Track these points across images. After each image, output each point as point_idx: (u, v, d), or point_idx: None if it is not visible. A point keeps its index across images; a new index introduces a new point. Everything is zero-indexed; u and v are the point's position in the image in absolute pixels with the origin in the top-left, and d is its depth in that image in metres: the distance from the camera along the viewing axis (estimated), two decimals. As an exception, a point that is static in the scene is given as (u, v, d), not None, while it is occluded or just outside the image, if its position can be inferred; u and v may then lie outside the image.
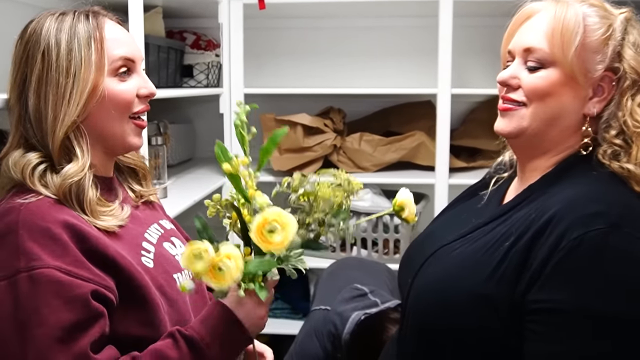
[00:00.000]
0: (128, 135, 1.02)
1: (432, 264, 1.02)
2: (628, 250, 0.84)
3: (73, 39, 0.95)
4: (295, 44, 2.68)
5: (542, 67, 0.97)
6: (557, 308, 0.84)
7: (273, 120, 2.38)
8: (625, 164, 0.92)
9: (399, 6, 2.29)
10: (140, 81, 1.03)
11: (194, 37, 2.47)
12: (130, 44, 1.03)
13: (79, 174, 0.94)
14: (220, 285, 0.83)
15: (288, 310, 2.56)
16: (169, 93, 2.00)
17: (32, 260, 0.84)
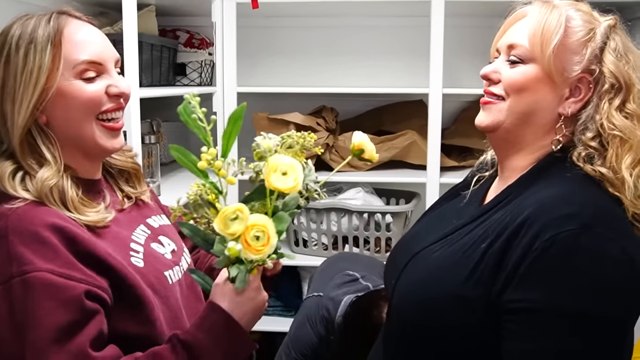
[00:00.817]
0: (99, 138, 1.01)
1: (414, 265, 1.05)
2: (599, 251, 0.85)
3: (30, 44, 0.95)
4: (289, 43, 2.69)
5: (521, 62, 1.00)
6: (530, 307, 0.86)
7: (266, 119, 2.39)
8: (599, 167, 0.94)
9: (392, 6, 2.31)
10: (111, 80, 1.02)
11: (187, 36, 2.47)
12: (98, 45, 1.01)
13: (55, 177, 0.94)
14: (258, 254, 0.83)
15: (281, 308, 2.57)
16: (162, 92, 2.01)
17: (24, 264, 0.85)
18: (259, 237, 0.85)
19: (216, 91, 2.32)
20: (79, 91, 0.97)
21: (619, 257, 0.86)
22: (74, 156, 1.01)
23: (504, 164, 1.07)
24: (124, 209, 1.11)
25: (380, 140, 2.42)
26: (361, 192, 2.36)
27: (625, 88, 0.97)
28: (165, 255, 1.09)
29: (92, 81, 0.99)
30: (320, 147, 1.07)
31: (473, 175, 1.21)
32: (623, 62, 0.98)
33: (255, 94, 2.46)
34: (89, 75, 0.99)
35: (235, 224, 0.83)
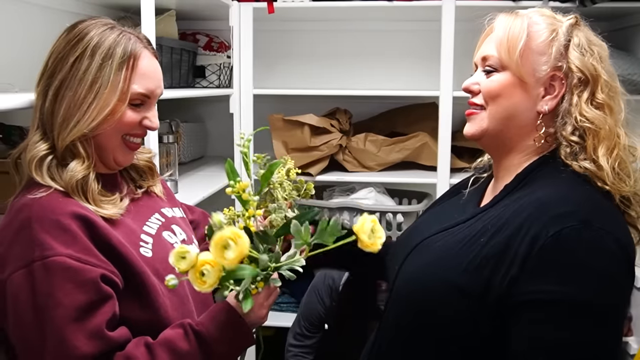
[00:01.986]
0: (117, 152, 1.08)
1: (415, 255, 1.10)
2: (598, 244, 0.92)
3: (108, 59, 1.01)
4: (304, 46, 2.76)
5: (495, 71, 1.07)
6: (540, 298, 0.91)
7: (281, 121, 2.45)
8: (583, 162, 1.00)
9: (404, 10, 2.35)
10: (149, 114, 1.09)
11: (206, 39, 2.54)
12: (155, 80, 1.08)
13: (84, 171, 1.01)
14: (201, 288, 0.88)
15: (294, 305, 2.62)
16: (180, 93, 2.08)
17: (45, 249, 0.92)
18: (205, 274, 0.88)
19: (233, 93, 2.39)
20: (124, 115, 1.04)
21: (615, 249, 0.93)
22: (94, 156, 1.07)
23: (499, 164, 1.12)
24: (138, 198, 1.18)
25: (392, 141, 2.47)
26: (373, 192, 2.41)
27: (592, 80, 1.02)
28: (174, 245, 1.15)
29: (136, 109, 1.06)
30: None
31: (472, 175, 1.26)
32: (587, 55, 1.03)
33: (271, 95, 2.53)
34: (136, 103, 1.06)
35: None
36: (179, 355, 0.98)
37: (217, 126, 2.81)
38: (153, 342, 0.99)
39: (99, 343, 0.91)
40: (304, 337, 2.00)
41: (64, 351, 0.89)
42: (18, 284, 0.91)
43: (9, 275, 0.92)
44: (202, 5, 2.32)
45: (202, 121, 2.83)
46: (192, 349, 0.99)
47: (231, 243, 0.85)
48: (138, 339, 0.99)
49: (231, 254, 0.85)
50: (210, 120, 2.84)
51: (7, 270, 0.92)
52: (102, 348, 0.92)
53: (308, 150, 2.41)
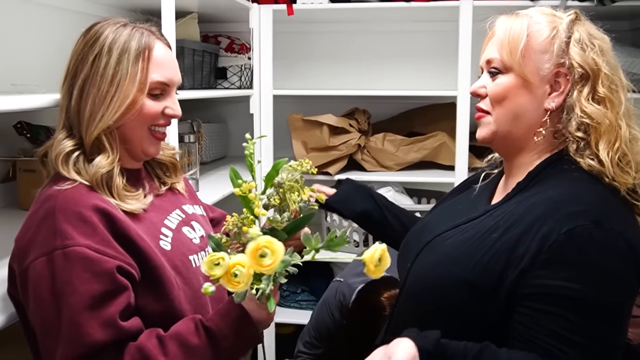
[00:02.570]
0: (145, 143, 1.13)
1: (427, 251, 1.12)
2: (608, 243, 0.93)
3: (124, 53, 1.06)
4: (323, 48, 2.79)
5: (499, 73, 1.08)
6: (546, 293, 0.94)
7: (300, 121, 2.48)
8: (588, 158, 1.01)
9: (421, 11, 2.37)
10: (169, 102, 1.13)
11: (228, 41, 2.59)
12: (171, 69, 1.13)
13: (109, 166, 1.06)
14: (236, 288, 0.93)
15: (314, 302, 2.66)
16: (201, 94, 2.13)
17: (66, 239, 0.96)
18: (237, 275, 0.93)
19: (253, 94, 2.44)
20: (145, 106, 1.08)
21: (625, 249, 0.94)
22: (122, 150, 1.12)
23: (510, 163, 1.14)
24: (161, 194, 1.22)
25: (411, 141, 2.49)
26: (391, 192, 2.43)
27: (592, 75, 1.02)
28: (193, 240, 1.19)
29: (156, 99, 1.11)
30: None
31: (483, 171, 1.27)
32: (588, 50, 1.03)
33: (291, 96, 2.56)
34: (156, 92, 1.10)
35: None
36: (189, 348, 1.01)
37: (238, 127, 2.85)
38: (164, 335, 1.02)
39: (111, 331, 0.95)
40: (312, 346, 2.04)
41: (77, 337, 0.93)
42: (39, 270, 0.95)
43: (32, 262, 0.96)
44: (223, 8, 2.36)
45: (223, 122, 2.88)
46: (201, 344, 1.02)
47: (267, 251, 0.92)
48: (150, 330, 1.02)
49: (269, 260, 0.92)
50: (231, 120, 2.89)
51: (30, 257, 0.97)
52: (114, 336, 0.95)
53: (327, 149, 2.44)
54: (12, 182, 1.71)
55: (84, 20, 1.53)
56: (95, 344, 0.93)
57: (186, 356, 1.00)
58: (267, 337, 2.56)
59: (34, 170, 1.65)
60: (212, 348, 1.03)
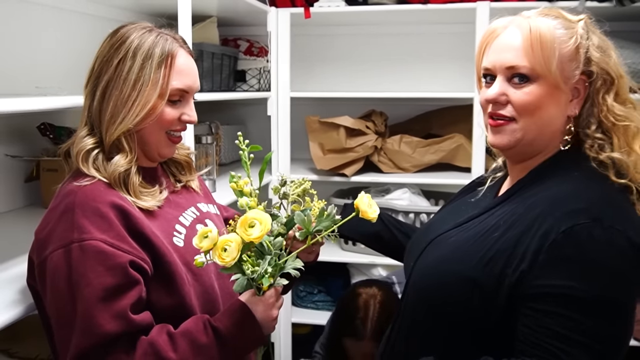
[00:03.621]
0: (161, 146, 1.16)
1: (431, 250, 1.13)
2: (608, 241, 0.93)
3: (148, 59, 1.08)
4: (340, 50, 2.82)
5: (527, 81, 1.03)
6: (551, 292, 0.94)
7: (317, 122, 2.50)
8: (611, 153, 1.01)
9: (438, 13, 2.38)
10: (187, 109, 1.16)
11: (247, 44, 2.61)
12: (191, 77, 1.15)
13: (127, 165, 1.10)
14: (224, 262, 0.99)
15: (330, 303, 2.68)
16: (219, 96, 2.16)
17: (83, 233, 0.99)
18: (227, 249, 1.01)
19: (270, 96, 2.47)
20: (164, 112, 1.11)
21: (626, 247, 0.94)
22: (137, 151, 1.15)
23: (517, 165, 1.13)
24: (177, 190, 1.26)
25: (427, 143, 2.50)
26: (407, 193, 2.44)
27: (616, 79, 1.03)
28: None
29: (174, 105, 1.13)
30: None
31: (488, 176, 1.29)
32: (606, 55, 1.03)
33: (308, 98, 2.59)
34: (175, 99, 1.13)
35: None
36: (198, 346, 1.04)
37: (257, 129, 2.87)
38: (175, 332, 1.04)
39: (122, 323, 0.98)
40: (326, 348, 2.08)
41: (90, 327, 0.96)
42: (57, 262, 0.99)
43: (50, 253, 1.00)
44: (242, 11, 2.39)
45: (242, 124, 2.92)
46: (209, 342, 1.05)
47: (256, 222, 1.00)
48: (161, 326, 1.05)
49: (256, 231, 1.00)
50: (250, 123, 2.92)
51: (48, 249, 1.01)
52: (124, 329, 0.98)
53: (343, 151, 2.46)
54: (35, 181, 1.76)
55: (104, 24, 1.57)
56: (106, 335, 0.96)
57: (195, 353, 1.03)
58: (284, 337, 2.58)
59: (56, 169, 1.70)
60: (219, 347, 1.05)
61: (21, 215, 1.69)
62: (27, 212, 1.72)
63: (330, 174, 2.52)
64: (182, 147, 1.31)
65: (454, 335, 1.05)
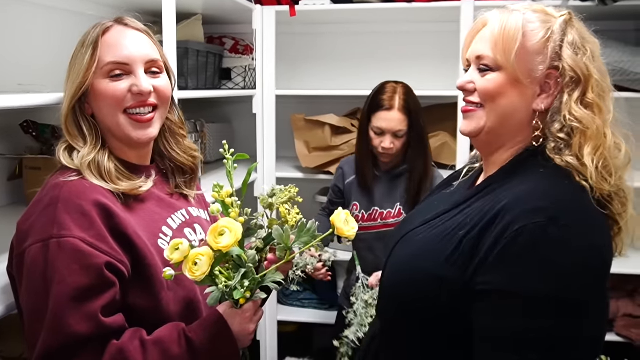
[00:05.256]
0: (126, 128, 1.13)
1: (400, 247, 1.14)
2: (563, 240, 0.91)
3: (82, 46, 1.12)
4: (325, 48, 2.82)
5: (490, 70, 1.05)
6: (495, 289, 0.93)
7: (303, 120, 2.51)
8: (566, 156, 1.00)
9: (423, 12, 2.40)
10: (134, 80, 1.12)
11: (232, 42, 2.61)
12: (126, 48, 1.13)
13: (91, 153, 1.10)
14: (193, 276, 0.98)
15: (316, 301, 2.69)
16: (204, 94, 2.16)
17: (63, 229, 0.98)
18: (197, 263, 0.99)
19: (256, 94, 2.46)
20: (105, 89, 1.11)
21: (582, 246, 0.92)
22: (117, 144, 1.15)
23: (488, 160, 1.14)
24: (171, 193, 1.24)
25: (413, 141, 2.50)
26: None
27: (583, 79, 1.01)
28: (193, 243, 1.20)
29: (119, 79, 1.12)
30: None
31: (465, 167, 1.28)
32: (580, 54, 1.02)
33: (293, 96, 2.59)
34: (115, 73, 1.11)
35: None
36: (168, 356, 1.02)
37: (243, 127, 2.88)
38: (147, 339, 1.02)
39: (91, 325, 0.96)
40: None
41: (58, 326, 0.95)
42: (34, 255, 0.98)
43: (29, 246, 0.99)
44: (227, 9, 2.39)
45: (228, 122, 2.91)
46: (181, 354, 1.03)
47: (226, 230, 0.98)
48: (134, 330, 1.04)
49: (226, 239, 0.98)
50: (236, 121, 2.92)
51: (28, 241, 1.00)
52: (93, 331, 0.97)
53: (329, 149, 2.46)
54: (18, 179, 1.74)
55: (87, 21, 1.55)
56: (75, 336, 0.95)
57: None
58: (270, 335, 2.59)
59: (40, 167, 1.68)
60: (190, 358, 1.04)
61: (4, 213, 1.67)
62: (10, 210, 1.70)
63: (315, 172, 2.52)
64: (190, 147, 1.29)
65: (429, 339, 1.05)
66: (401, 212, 2.02)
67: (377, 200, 2.05)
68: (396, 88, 2.04)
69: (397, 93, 2.03)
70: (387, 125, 1.99)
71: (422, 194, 1.99)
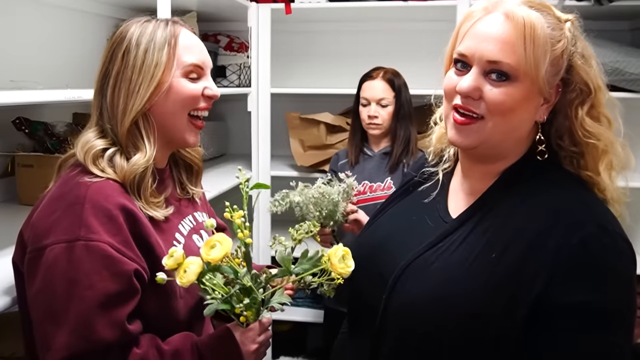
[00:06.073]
0: (186, 131, 1.14)
1: (409, 280, 0.98)
2: (618, 248, 0.89)
3: (151, 42, 1.07)
4: (320, 46, 2.81)
5: (506, 80, 0.92)
6: (573, 307, 0.87)
7: (297, 119, 2.50)
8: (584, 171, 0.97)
9: (419, 11, 2.39)
10: (207, 83, 1.14)
11: (227, 40, 2.60)
12: (201, 52, 1.14)
13: (145, 164, 1.07)
14: (180, 281, 0.99)
15: (310, 300, 2.67)
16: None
17: (91, 232, 0.95)
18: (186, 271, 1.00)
19: (251, 92, 2.45)
20: (184, 87, 1.10)
21: (627, 250, 0.90)
22: (158, 143, 1.12)
23: (476, 168, 1.04)
24: (180, 198, 1.23)
25: (408, 139, 2.49)
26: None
27: (594, 92, 0.95)
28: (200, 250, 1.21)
29: (195, 81, 1.12)
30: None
31: (420, 168, 1.19)
32: (587, 64, 0.95)
33: (288, 94, 2.58)
34: (193, 76, 1.11)
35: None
36: None
37: (237, 125, 2.87)
38: (164, 349, 1.03)
39: (117, 332, 0.96)
40: None
41: (84, 331, 0.94)
42: (57, 255, 0.95)
43: (51, 244, 0.96)
44: (222, 6, 2.38)
45: (222, 120, 2.89)
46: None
47: (217, 244, 1.00)
48: (150, 338, 1.03)
49: (216, 252, 1.00)
50: (230, 119, 2.91)
51: (50, 239, 0.97)
52: (119, 338, 0.96)
53: (324, 148, 2.46)
54: (10, 177, 1.73)
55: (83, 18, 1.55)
56: (101, 342, 0.94)
57: None
58: (264, 334, 2.57)
59: (32, 165, 1.67)
60: None
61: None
62: (2, 208, 1.69)
63: (310, 171, 2.51)
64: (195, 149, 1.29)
65: None
66: (391, 186, 2.06)
67: (367, 176, 2.10)
68: (384, 67, 2.17)
69: (384, 69, 2.16)
70: (370, 94, 2.10)
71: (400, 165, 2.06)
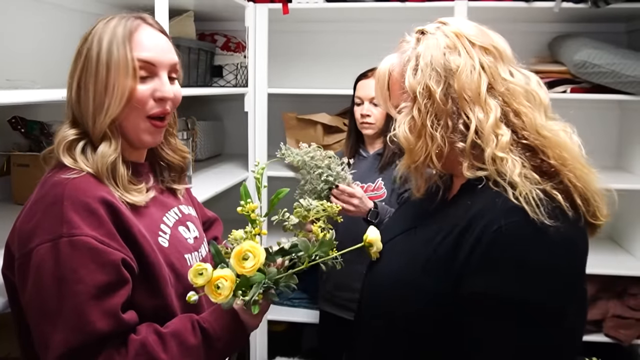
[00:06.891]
0: (142, 133, 1.11)
1: (381, 260, 1.13)
2: (540, 238, 0.90)
3: (113, 38, 1.06)
4: (318, 47, 2.81)
5: None
6: (483, 293, 0.91)
7: (294, 119, 2.50)
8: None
9: (417, 11, 2.39)
10: (158, 84, 1.10)
11: (224, 39, 2.60)
12: (156, 50, 1.10)
13: (113, 153, 1.07)
14: (217, 299, 1.00)
15: (306, 300, 2.68)
16: (195, 91, 2.14)
17: (73, 228, 0.96)
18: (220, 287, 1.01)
19: (247, 92, 2.45)
20: (130, 89, 1.06)
21: (559, 242, 0.90)
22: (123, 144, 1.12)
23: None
24: (162, 190, 1.23)
25: (404, 140, 2.50)
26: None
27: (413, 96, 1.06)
28: (188, 240, 1.21)
29: (144, 82, 1.08)
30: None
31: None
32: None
33: (285, 94, 2.58)
34: (142, 74, 1.08)
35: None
36: (187, 347, 1.04)
37: (234, 125, 2.87)
38: (164, 332, 1.03)
39: (112, 322, 0.96)
40: None
41: (79, 324, 0.94)
42: (43, 255, 0.96)
43: (36, 247, 0.96)
44: (219, 6, 2.38)
45: (219, 120, 2.89)
46: (197, 343, 1.05)
47: (249, 255, 1.00)
48: (147, 325, 1.04)
49: (250, 263, 1.01)
50: (227, 119, 2.90)
51: (34, 242, 0.97)
52: (114, 327, 0.97)
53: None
54: (6, 176, 1.72)
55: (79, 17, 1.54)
56: (97, 333, 0.94)
57: (184, 355, 1.03)
58: (260, 335, 2.57)
59: (28, 165, 1.66)
60: (206, 348, 1.05)
61: (-9, 211, 1.65)
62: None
63: (307, 171, 2.50)
64: (181, 150, 1.28)
65: (414, 350, 1.02)
66: (381, 186, 2.06)
67: (358, 176, 2.09)
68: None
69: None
70: (364, 92, 2.10)
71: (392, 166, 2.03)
